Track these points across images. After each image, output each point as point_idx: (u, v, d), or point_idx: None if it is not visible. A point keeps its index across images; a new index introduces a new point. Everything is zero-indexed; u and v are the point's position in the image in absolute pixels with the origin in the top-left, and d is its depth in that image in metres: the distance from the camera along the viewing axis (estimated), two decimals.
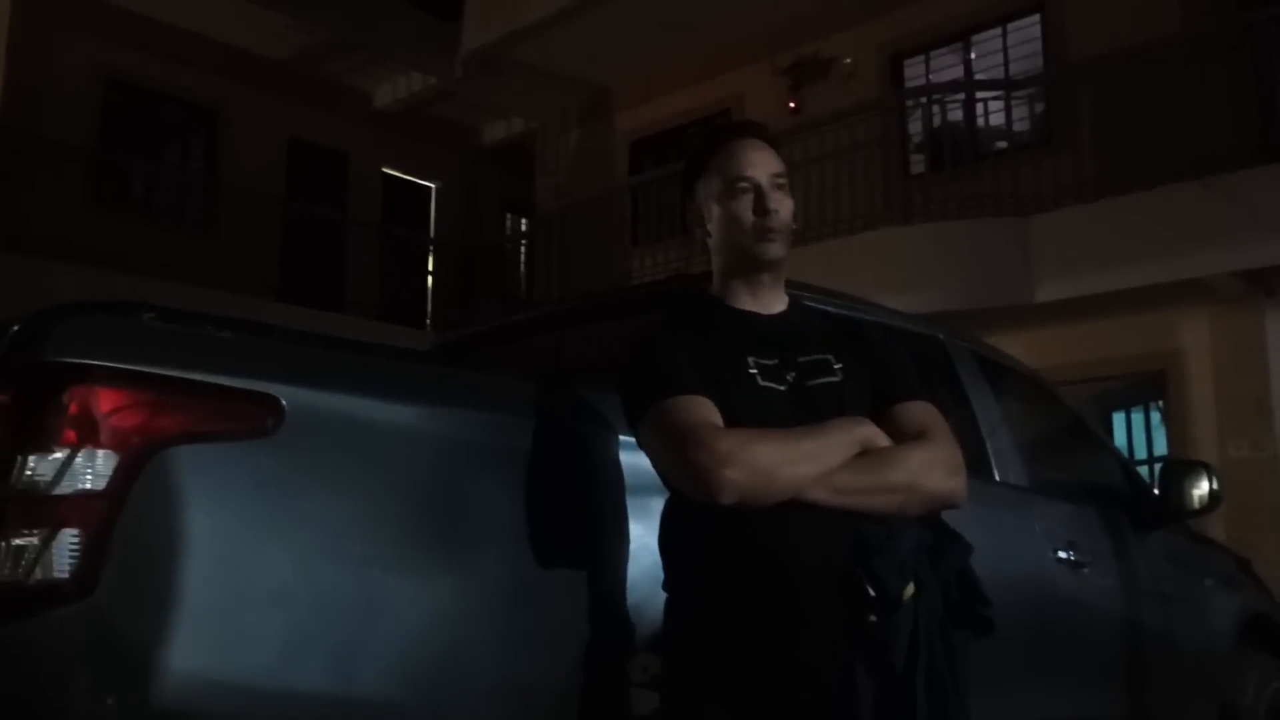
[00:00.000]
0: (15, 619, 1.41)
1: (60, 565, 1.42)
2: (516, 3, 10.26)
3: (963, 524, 1.75)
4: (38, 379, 1.47)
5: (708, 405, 1.69)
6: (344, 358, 1.78)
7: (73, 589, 1.42)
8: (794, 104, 10.24)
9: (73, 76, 11.01)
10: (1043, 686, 2.76)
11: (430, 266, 13.37)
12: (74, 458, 1.45)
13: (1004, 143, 8.63)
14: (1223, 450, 7.31)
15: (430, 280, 13.28)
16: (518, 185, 13.39)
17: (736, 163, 1.85)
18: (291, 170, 12.76)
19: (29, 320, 1.51)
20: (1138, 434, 8.65)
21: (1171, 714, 3.37)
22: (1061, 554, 2.92)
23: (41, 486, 1.44)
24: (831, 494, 1.63)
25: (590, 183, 11.54)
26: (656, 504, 1.79)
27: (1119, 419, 8.74)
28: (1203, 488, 3.54)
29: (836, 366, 1.80)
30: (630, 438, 1.81)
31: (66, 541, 1.43)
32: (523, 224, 14.29)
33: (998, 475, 2.91)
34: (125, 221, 11.07)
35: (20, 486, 1.44)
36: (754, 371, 1.76)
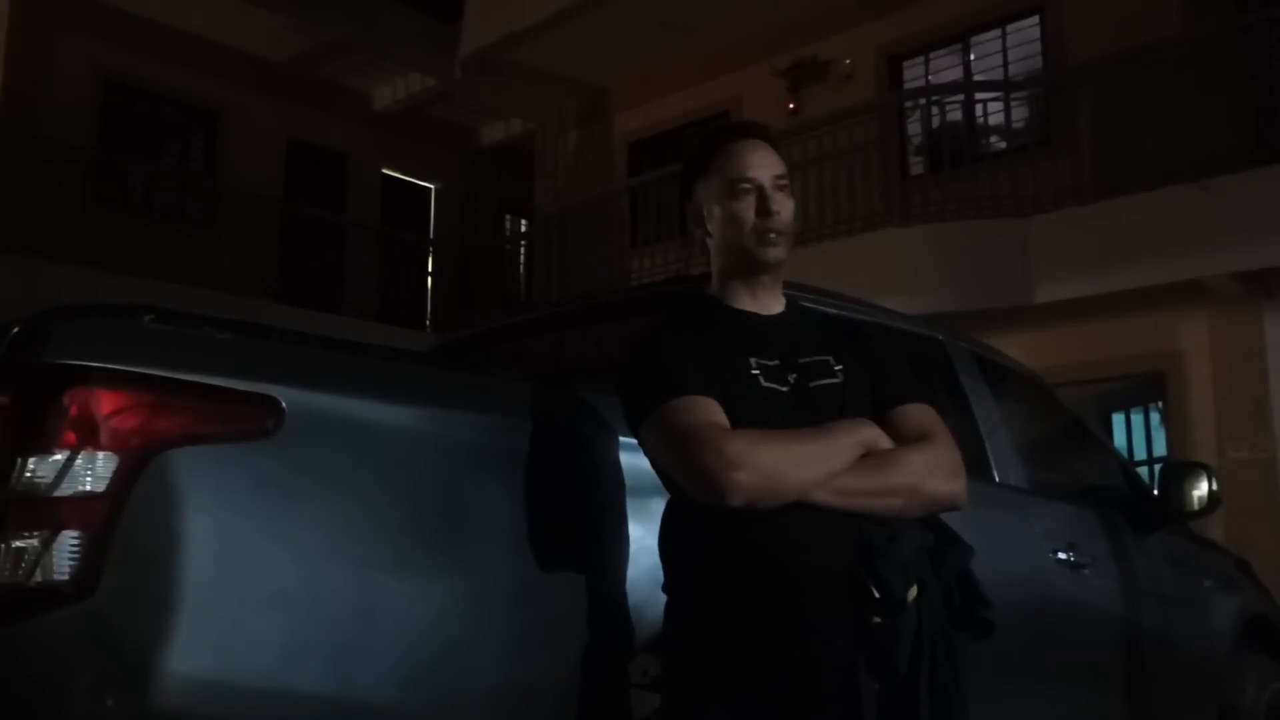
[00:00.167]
0: (15, 621, 1.41)
1: (60, 567, 1.42)
2: (516, 4, 10.27)
3: (963, 526, 1.76)
4: (38, 381, 1.47)
5: (713, 406, 1.68)
6: (343, 359, 1.78)
7: (73, 591, 1.42)
8: (793, 105, 10.25)
9: (72, 77, 11.02)
10: (1043, 688, 2.75)
11: (429, 268, 13.38)
12: (74, 459, 1.45)
13: (1003, 144, 8.64)
14: (1222, 451, 7.33)
15: (429, 281, 13.28)
16: (517, 187, 13.41)
17: (738, 163, 1.84)
18: (291, 171, 12.77)
19: (29, 322, 1.50)
20: (1137, 435, 8.66)
21: (1171, 715, 3.37)
22: (1061, 555, 2.92)
23: (42, 488, 1.44)
24: (835, 496, 1.63)
25: (589, 184, 11.54)
26: (656, 505, 1.79)
27: (1118, 420, 8.75)
28: (1202, 489, 3.54)
29: (837, 368, 1.80)
30: (630, 439, 1.80)
31: (66, 543, 1.43)
32: (522, 225, 14.29)
33: (997, 477, 2.90)
34: (125, 223, 11.06)
35: (20, 488, 1.44)
36: (756, 372, 1.75)
